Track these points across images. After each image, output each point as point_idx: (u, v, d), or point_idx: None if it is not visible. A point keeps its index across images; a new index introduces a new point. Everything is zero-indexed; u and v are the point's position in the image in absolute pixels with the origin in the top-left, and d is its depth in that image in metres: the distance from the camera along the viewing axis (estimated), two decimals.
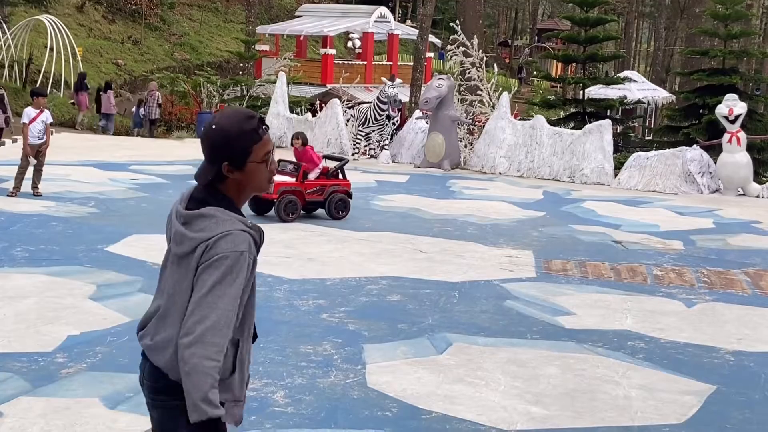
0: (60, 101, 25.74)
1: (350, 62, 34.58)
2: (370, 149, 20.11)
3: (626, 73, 31.97)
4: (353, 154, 19.55)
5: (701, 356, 6.52)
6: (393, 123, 19.93)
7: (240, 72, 30.05)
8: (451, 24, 22.21)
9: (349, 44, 36.28)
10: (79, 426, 4.69)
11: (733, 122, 16.51)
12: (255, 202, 11.60)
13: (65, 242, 9.38)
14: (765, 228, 12.73)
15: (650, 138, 25.56)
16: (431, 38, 30.67)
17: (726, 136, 16.60)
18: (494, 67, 21.71)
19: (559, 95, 29.25)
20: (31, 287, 7.45)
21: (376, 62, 35.12)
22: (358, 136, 20.05)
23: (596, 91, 25.32)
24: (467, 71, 20.73)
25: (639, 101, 27.52)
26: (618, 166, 17.71)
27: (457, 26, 21.11)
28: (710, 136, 18.65)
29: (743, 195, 16.51)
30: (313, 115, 22.09)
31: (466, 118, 20.04)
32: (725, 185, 16.64)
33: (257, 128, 2.66)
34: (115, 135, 23.83)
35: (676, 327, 7.26)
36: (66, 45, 27.51)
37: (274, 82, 23.50)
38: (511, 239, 10.95)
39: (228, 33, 41.83)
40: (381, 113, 19.64)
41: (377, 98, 19.93)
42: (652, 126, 29.99)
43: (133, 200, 12.56)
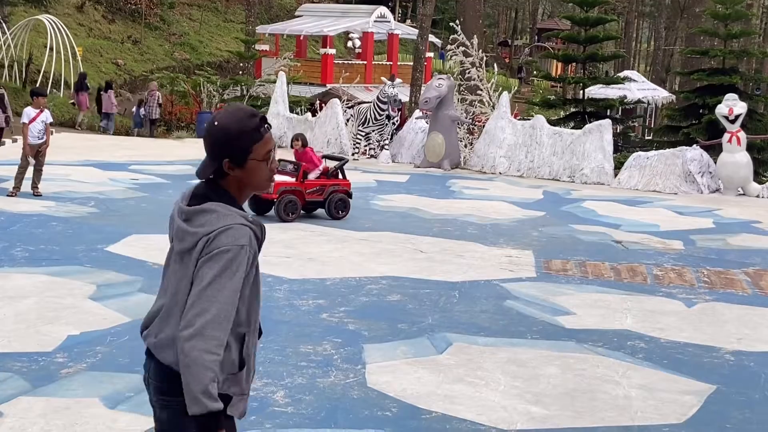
0: (60, 101, 25.74)
1: (350, 62, 34.57)
2: (370, 149, 20.10)
3: (626, 73, 31.97)
4: (353, 154, 19.55)
5: (701, 356, 6.52)
6: (393, 123, 19.93)
7: (240, 72, 30.06)
8: (451, 24, 22.21)
9: (349, 44, 36.26)
10: (79, 426, 4.69)
11: (733, 122, 16.51)
12: (255, 202, 11.60)
13: (65, 242, 9.38)
14: (765, 228, 12.73)
15: (650, 138, 25.57)
16: (431, 38, 30.66)
17: (726, 136, 16.60)
18: (494, 67, 21.72)
19: (559, 95, 29.25)
20: (31, 287, 7.45)
21: (376, 62, 35.11)
22: (358, 136, 20.05)
23: (596, 91, 25.31)
24: (467, 71, 20.72)
25: (639, 101, 27.53)
26: (618, 166, 17.71)
27: (457, 26, 21.11)
28: (710, 136, 18.64)
29: (743, 195, 16.50)
30: (313, 115, 22.08)
31: (466, 118, 20.03)
32: (725, 185, 16.64)
33: (259, 127, 2.68)
34: (115, 135, 23.82)
35: (676, 327, 7.26)
36: (66, 45, 27.50)
37: (274, 82, 23.50)
38: (511, 239, 10.95)
39: (228, 33, 41.83)
40: (381, 113, 19.63)
41: (377, 98, 19.92)
42: (652, 126, 29.98)
43: (133, 200, 12.56)
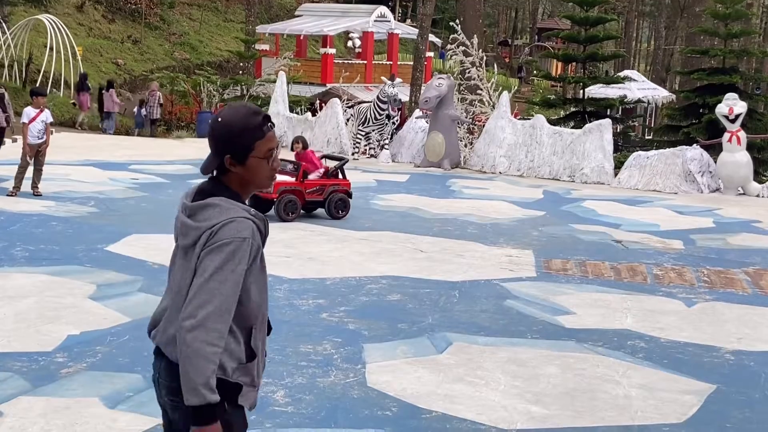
0: (60, 101, 25.75)
1: (350, 62, 34.56)
2: (370, 149, 20.10)
3: (626, 73, 31.96)
4: (353, 154, 19.55)
5: (701, 355, 6.52)
6: (393, 122, 19.93)
7: (240, 71, 30.06)
8: (451, 23, 22.21)
9: (349, 44, 36.26)
10: (79, 426, 4.69)
11: (734, 121, 16.50)
12: (255, 202, 11.59)
13: (65, 242, 9.38)
14: (765, 227, 12.73)
15: (650, 137, 25.58)
16: (431, 38, 30.66)
17: (726, 136, 16.60)
18: (494, 67, 21.80)
19: (559, 94, 29.24)
20: (31, 287, 7.45)
21: (376, 62, 35.11)
22: (358, 136, 20.05)
23: (596, 91, 25.31)
24: (467, 70, 20.73)
25: (639, 100, 27.53)
26: (618, 166, 17.70)
27: (457, 25, 21.12)
28: (710, 136, 18.64)
29: (743, 194, 16.50)
30: (313, 115, 22.08)
31: (466, 118, 20.04)
32: (725, 184, 16.64)
33: (262, 124, 2.69)
34: (116, 135, 23.83)
35: (676, 326, 7.25)
36: (66, 44, 27.50)
37: (274, 82, 23.50)
38: (511, 239, 10.95)
39: (228, 32, 41.83)
40: (381, 113, 19.63)
41: (377, 98, 19.92)
42: (652, 125, 29.98)
43: (133, 200, 12.56)
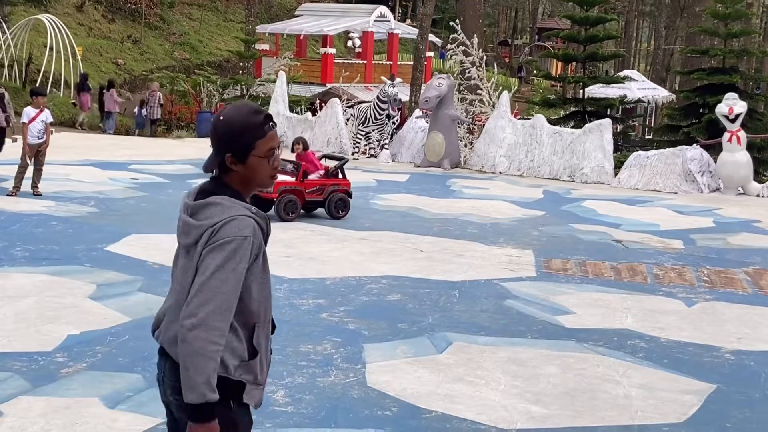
0: (60, 101, 25.75)
1: (350, 61, 34.56)
2: (370, 148, 20.10)
3: (626, 72, 31.95)
4: (353, 154, 19.55)
5: (701, 355, 6.52)
6: (393, 122, 19.93)
7: (240, 71, 30.06)
8: (451, 23, 22.21)
9: (349, 43, 36.25)
10: (79, 425, 4.69)
11: (733, 121, 16.50)
12: (254, 202, 11.56)
13: (65, 242, 9.38)
14: (765, 227, 12.73)
15: (650, 137, 25.56)
16: (431, 37, 30.66)
17: (726, 135, 16.59)
18: (494, 67, 21.79)
19: (559, 94, 29.25)
20: (31, 287, 7.45)
21: (376, 61, 35.11)
22: (358, 136, 20.05)
23: (596, 90, 25.31)
24: (467, 70, 20.73)
25: (639, 100, 27.53)
26: (618, 165, 17.70)
27: (457, 25, 21.12)
28: (710, 135, 18.64)
29: (743, 194, 16.50)
30: (313, 115, 22.08)
31: (466, 118, 20.04)
32: (725, 184, 16.64)
33: (263, 123, 2.69)
34: (116, 134, 23.83)
35: (676, 326, 7.25)
36: (66, 44, 27.51)
37: (274, 82, 23.50)
38: (511, 238, 10.95)
39: (228, 32, 41.83)
40: (381, 112, 19.63)
41: (377, 97, 19.92)
42: (652, 125, 29.97)
43: (133, 200, 12.55)
